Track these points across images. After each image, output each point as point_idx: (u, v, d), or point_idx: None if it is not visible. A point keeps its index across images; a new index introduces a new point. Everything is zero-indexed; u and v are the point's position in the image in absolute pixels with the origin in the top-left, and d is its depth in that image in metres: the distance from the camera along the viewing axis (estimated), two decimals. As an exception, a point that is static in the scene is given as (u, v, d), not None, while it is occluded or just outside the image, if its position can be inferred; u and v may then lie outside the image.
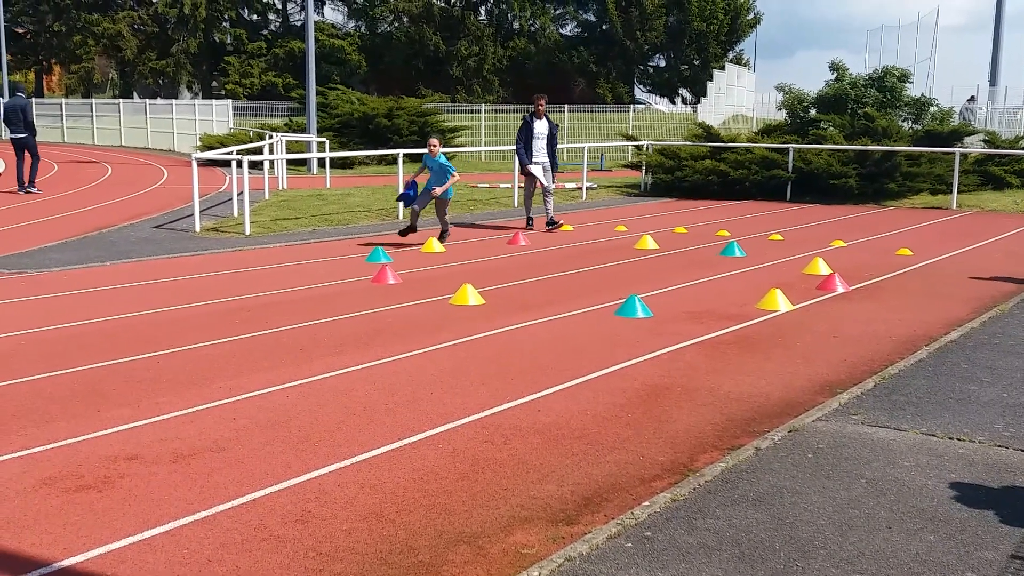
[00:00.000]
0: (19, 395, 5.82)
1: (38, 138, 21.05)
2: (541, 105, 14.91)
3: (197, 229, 14.17)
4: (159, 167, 27.78)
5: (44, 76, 59.91)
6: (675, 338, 7.49)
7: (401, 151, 17.67)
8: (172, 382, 6.12)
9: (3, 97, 46.19)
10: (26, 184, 19.64)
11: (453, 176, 12.90)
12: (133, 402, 5.68)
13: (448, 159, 13.42)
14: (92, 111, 41.90)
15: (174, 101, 40.55)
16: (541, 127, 14.80)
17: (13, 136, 19.85)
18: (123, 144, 38.85)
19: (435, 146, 13.05)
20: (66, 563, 3.63)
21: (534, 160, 14.74)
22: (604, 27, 56.01)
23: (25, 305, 8.75)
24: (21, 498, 4.24)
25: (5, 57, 47.47)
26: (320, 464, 4.68)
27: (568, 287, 9.87)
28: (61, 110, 43.38)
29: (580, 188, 21.43)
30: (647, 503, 4.15)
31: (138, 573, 3.55)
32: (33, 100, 46.74)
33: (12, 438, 5.02)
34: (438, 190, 12.90)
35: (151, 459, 4.74)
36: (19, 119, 19.69)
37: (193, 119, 35.46)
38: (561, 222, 14.87)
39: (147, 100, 41.86)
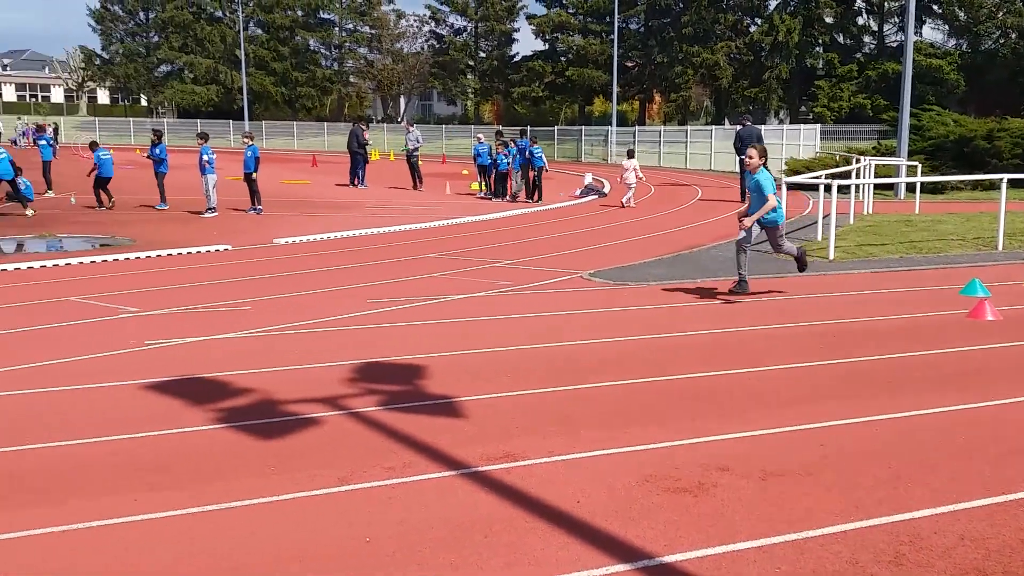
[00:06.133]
0: (638, 394, 6.40)
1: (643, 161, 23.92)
2: None
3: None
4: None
5: (646, 105, 65.37)
6: None
7: (1005, 176, 16.09)
8: (760, 400, 6.26)
9: (612, 126, 51.32)
10: None
11: (768, 199, 10.06)
12: (725, 415, 5.92)
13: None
14: (686, 137, 44.85)
15: (762, 126, 41.59)
16: None
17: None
18: (712, 168, 40.84)
19: (752, 159, 10.38)
20: (667, 559, 3.90)
21: None
22: None
23: (630, 315, 9.59)
24: (627, 491, 4.66)
25: (616, 88, 52.74)
26: (914, 506, 4.45)
27: None
28: (659, 136, 46.93)
29: None
30: None
31: (730, 581, 3.69)
32: (636, 128, 51.21)
33: (616, 434, 5.53)
34: (747, 221, 10.27)
35: (740, 472, 4.89)
36: None
37: (780, 143, 36.10)
38: None
39: (736, 126, 43.48)
